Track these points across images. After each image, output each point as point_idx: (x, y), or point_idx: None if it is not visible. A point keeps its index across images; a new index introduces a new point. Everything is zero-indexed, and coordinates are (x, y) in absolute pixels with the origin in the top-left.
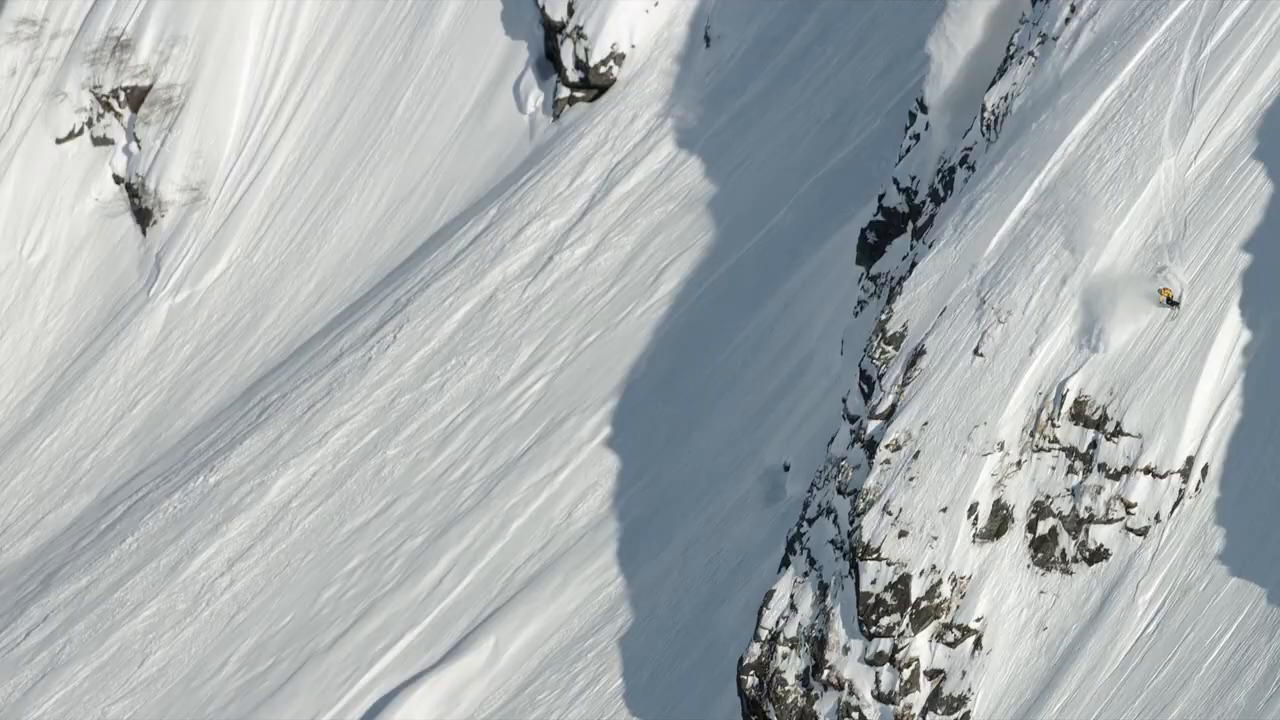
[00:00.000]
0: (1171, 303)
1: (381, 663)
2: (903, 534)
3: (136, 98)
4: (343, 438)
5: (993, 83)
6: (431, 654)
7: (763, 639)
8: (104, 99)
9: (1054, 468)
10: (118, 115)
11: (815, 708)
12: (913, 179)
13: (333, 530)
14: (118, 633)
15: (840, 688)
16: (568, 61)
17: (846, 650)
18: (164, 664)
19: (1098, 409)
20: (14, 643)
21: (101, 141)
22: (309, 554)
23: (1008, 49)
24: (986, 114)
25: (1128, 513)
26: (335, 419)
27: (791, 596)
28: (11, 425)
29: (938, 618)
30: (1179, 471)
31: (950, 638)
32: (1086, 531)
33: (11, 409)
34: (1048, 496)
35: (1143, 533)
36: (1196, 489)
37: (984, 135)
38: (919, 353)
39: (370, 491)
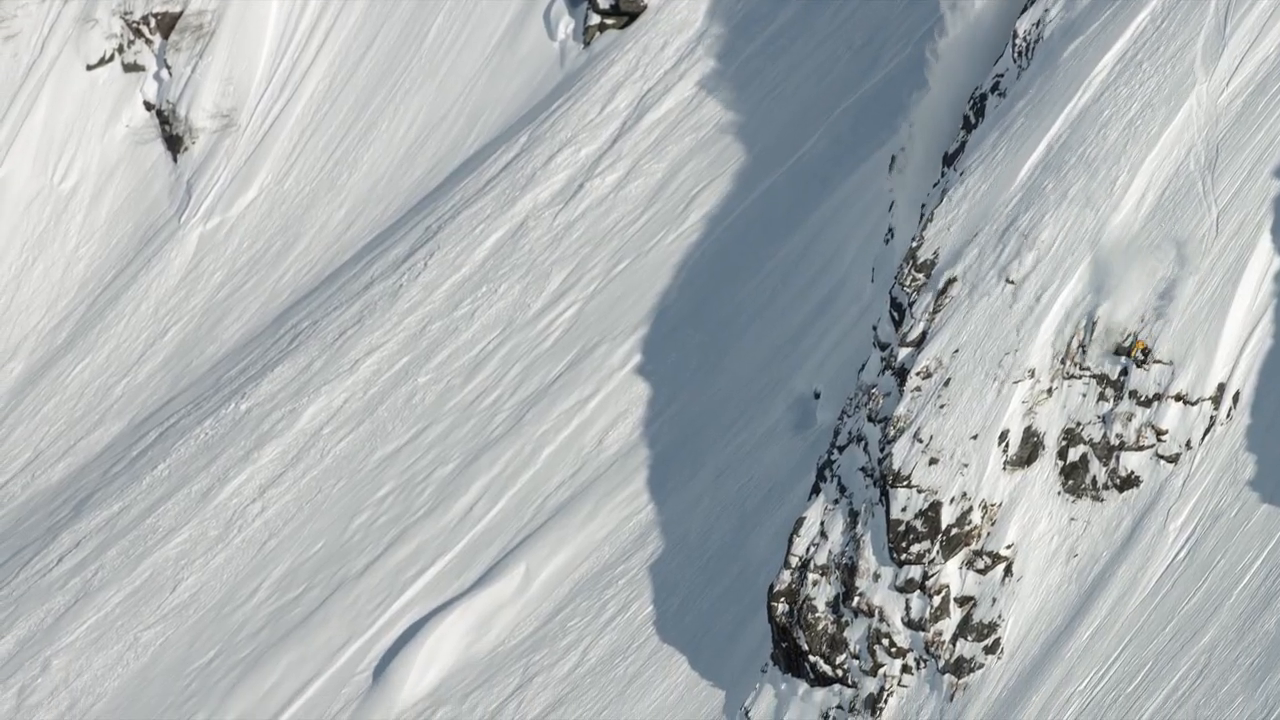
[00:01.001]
0: (1144, 354)
1: (412, 589)
2: (933, 461)
3: (167, 24)
4: (374, 365)
5: (1024, 9)
6: (462, 581)
7: (793, 566)
8: (135, 25)
9: (1085, 395)
10: (148, 42)
11: (845, 635)
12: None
13: (364, 457)
14: (149, 559)
15: (870, 615)
16: None
17: (877, 577)
18: (195, 590)
19: (1129, 335)
20: (46, 569)
21: (132, 68)
22: (340, 481)
23: None
24: (1018, 41)
25: (1159, 440)
26: (366, 346)
27: (822, 524)
28: (43, 352)
29: (968, 545)
30: (1210, 398)
31: (981, 565)
32: (1117, 458)
33: (43, 336)
34: (1078, 424)
35: (1174, 460)
36: (1228, 416)
37: (1015, 62)
38: (950, 280)
39: (401, 419)
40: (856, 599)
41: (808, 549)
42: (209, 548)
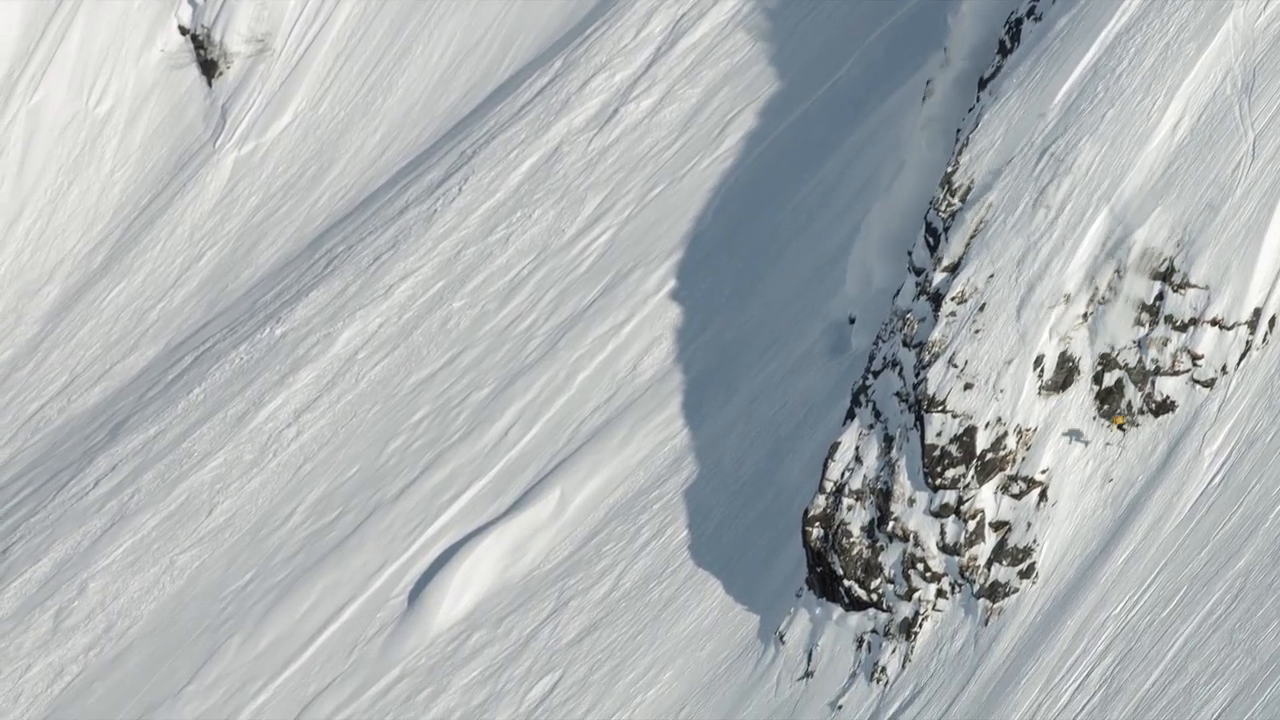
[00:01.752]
0: (1121, 429)
1: (448, 514)
2: (968, 386)
3: None
4: (408, 290)
5: None
6: (497, 505)
7: (828, 491)
8: None
9: (1120, 319)
10: None
11: (880, 559)
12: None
13: (399, 382)
14: (185, 483)
15: (905, 539)
16: None
17: (911, 502)
18: (231, 514)
19: (1164, 260)
20: (82, 492)
21: None
22: (375, 405)
23: None
24: None
25: (1194, 364)
26: (401, 271)
27: (856, 449)
28: (79, 276)
29: (1003, 470)
30: (1246, 323)
31: (1015, 490)
32: (1153, 383)
33: (79, 260)
34: (1114, 348)
35: (1209, 384)
36: (1264, 340)
37: None
38: (985, 205)
39: (436, 343)
40: (891, 524)
41: (842, 474)
42: (244, 472)
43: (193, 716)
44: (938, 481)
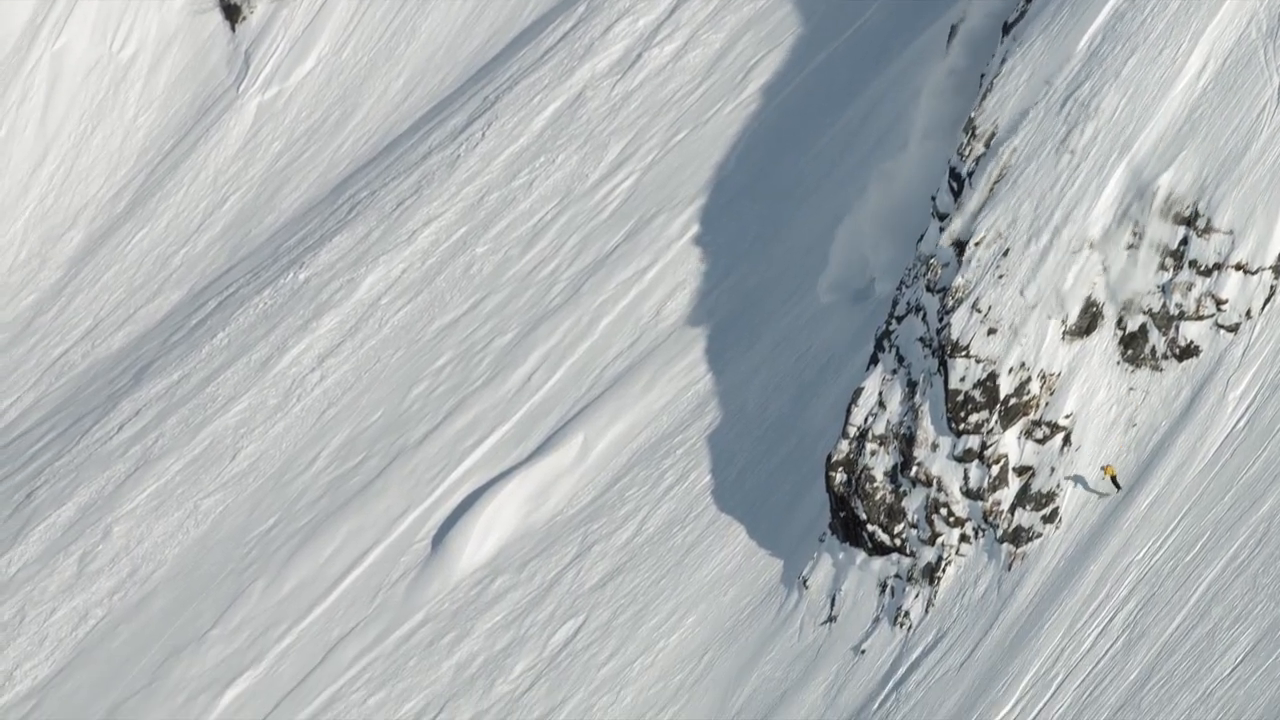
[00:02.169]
0: (1115, 482)
1: (471, 458)
2: (992, 331)
3: None
4: (432, 235)
5: None
6: (521, 450)
7: (851, 436)
8: None
9: (1144, 265)
10: None
11: (903, 504)
12: None
13: (422, 327)
14: (209, 427)
15: (929, 484)
16: None
17: (935, 447)
18: (255, 458)
19: (1188, 205)
20: (107, 436)
21: None
22: (399, 350)
23: None
24: None
25: (1218, 309)
26: (424, 216)
27: (880, 394)
28: (103, 220)
29: (1027, 415)
30: (1270, 268)
31: (1039, 434)
32: (1177, 328)
33: (103, 204)
34: (1137, 294)
35: (1233, 329)
36: None
37: None
38: (1009, 150)
39: (459, 288)
40: (914, 469)
41: (866, 419)
42: (268, 416)
43: (217, 660)
44: (961, 426)
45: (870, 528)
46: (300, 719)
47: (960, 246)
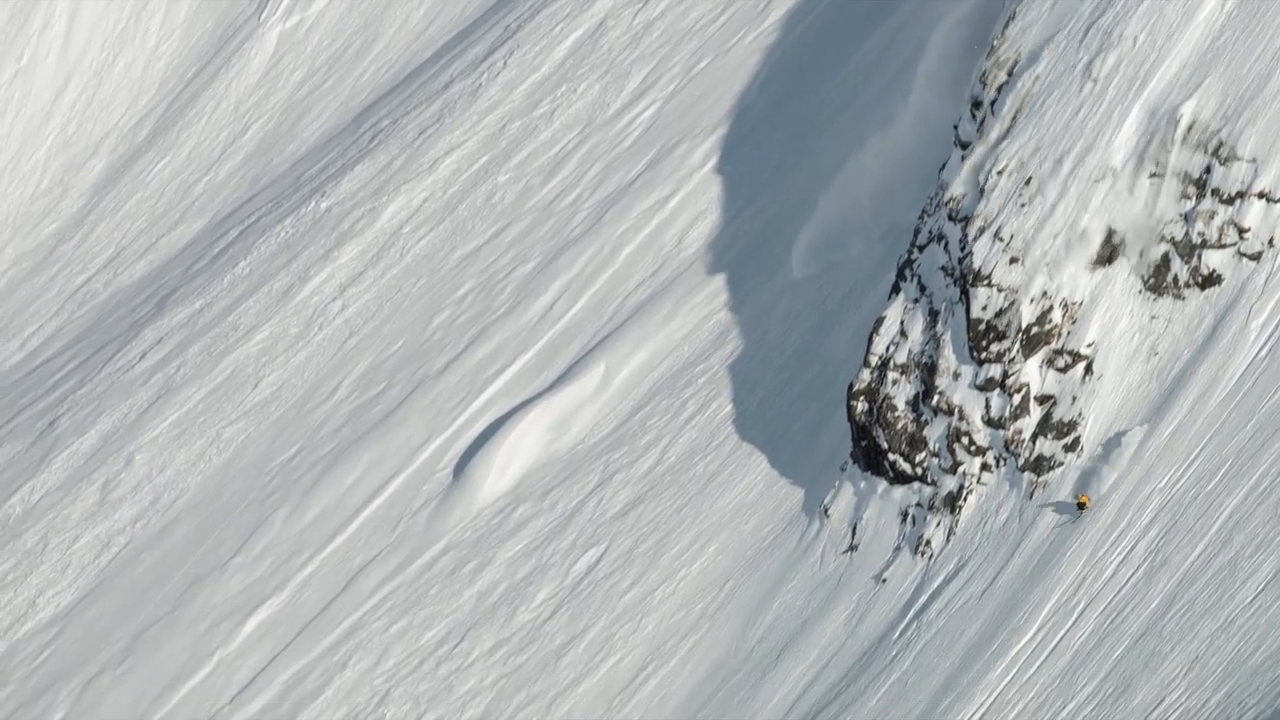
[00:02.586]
0: (1080, 506)
1: (493, 388)
2: (1014, 260)
3: None
4: (453, 164)
5: None
6: (542, 379)
7: (873, 365)
8: None
9: (1167, 193)
10: None
11: (925, 433)
12: None
13: (444, 256)
14: (231, 356)
15: (950, 413)
16: None
17: (957, 376)
18: (277, 387)
19: (1211, 134)
20: (129, 365)
21: None
22: (420, 279)
23: None
24: None
25: (1241, 237)
26: (446, 145)
27: (902, 323)
28: (125, 149)
29: (1048, 343)
30: None
31: (1061, 363)
32: (1199, 256)
33: (124, 133)
34: (1160, 222)
35: (1256, 257)
36: None
37: None
38: (1031, 78)
39: (481, 218)
40: (936, 397)
41: (887, 348)
42: (290, 345)
43: (239, 588)
44: (983, 355)
45: (892, 456)
46: (322, 647)
47: (982, 175)
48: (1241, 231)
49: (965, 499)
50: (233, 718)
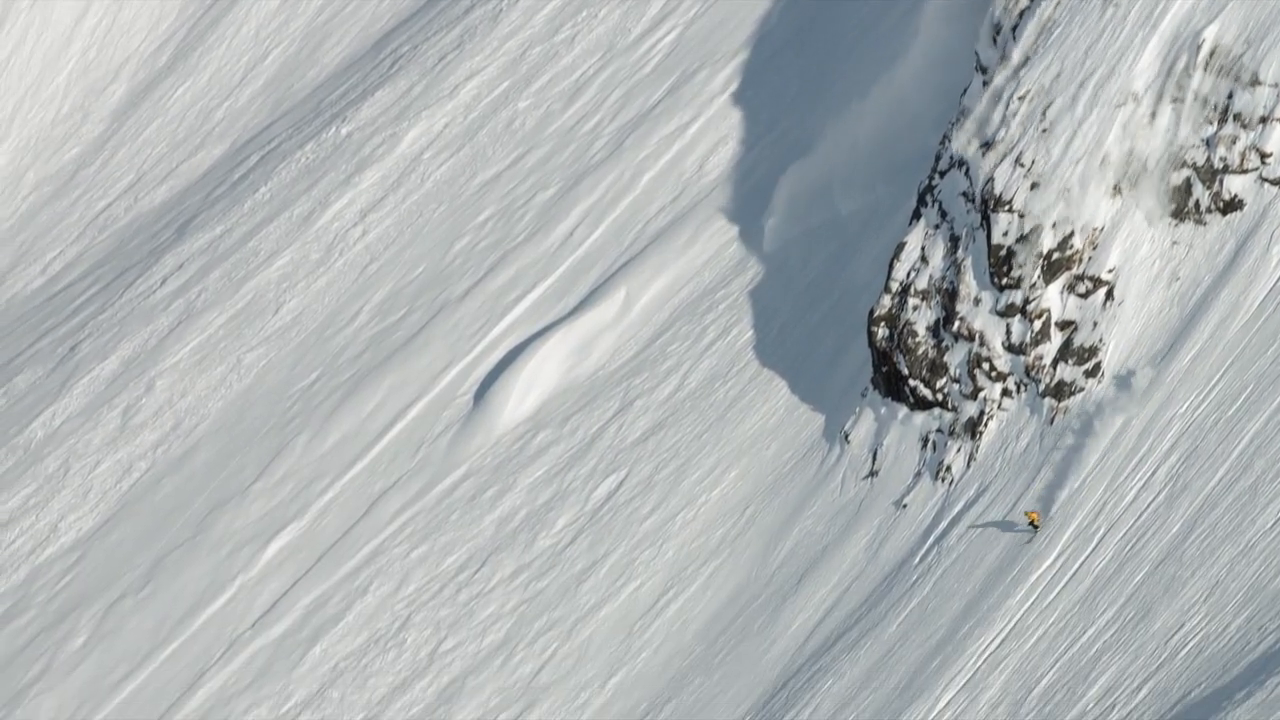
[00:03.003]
0: (1033, 525)
1: (513, 314)
2: (1035, 186)
3: None
4: (474, 89)
5: None
6: (563, 305)
7: (893, 291)
8: None
9: (1189, 118)
10: None
11: (945, 359)
12: None
13: (464, 182)
14: (252, 281)
15: (971, 339)
16: None
17: (977, 302)
18: (298, 313)
19: (1234, 59)
20: (150, 290)
21: None
22: (441, 205)
23: None
24: None
25: (1263, 162)
26: (466, 71)
27: (922, 249)
28: (145, 75)
29: (1069, 269)
30: None
31: (1082, 289)
32: (1221, 182)
33: (144, 58)
34: (1182, 147)
35: (1278, 183)
36: None
37: None
38: (1053, 4)
39: (501, 143)
40: (957, 323)
41: (908, 274)
42: (310, 271)
43: (260, 513)
44: (1004, 281)
45: (912, 382)
46: (343, 572)
47: (1003, 100)
48: (1263, 156)
49: (986, 425)
50: (254, 642)
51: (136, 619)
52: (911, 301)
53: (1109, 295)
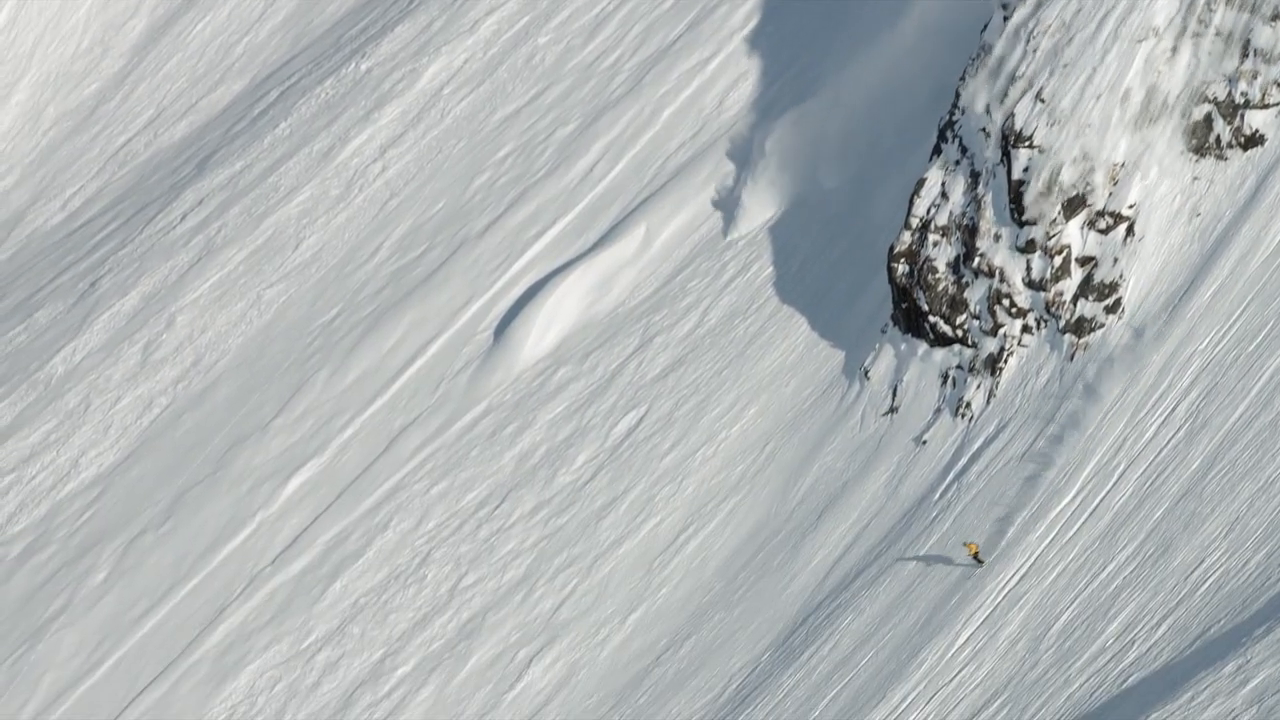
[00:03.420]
0: (977, 559)
1: (533, 249)
2: (1055, 121)
3: None
4: (494, 25)
5: None
6: (583, 241)
7: (913, 227)
8: None
9: (1209, 53)
10: None
11: (965, 295)
12: None
13: (484, 117)
14: (272, 217)
15: (991, 275)
16: None
17: (997, 238)
18: (318, 249)
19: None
20: (170, 226)
21: None
22: (461, 141)
23: None
24: None
25: None
26: (486, 6)
27: (943, 184)
28: (165, 9)
29: (1090, 205)
30: None
31: (1102, 225)
32: (1242, 117)
33: None
34: (1203, 82)
35: None
36: None
37: None
38: None
39: (521, 79)
40: (977, 259)
41: (928, 210)
42: (330, 207)
43: (280, 449)
44: (1024, 217)
45: (932, 319)
46: (363, 508)
47: (1024, 35)
48: None
49: (1006, 361)
50: (274, 578)
51: (157, 554)
52: (932, 237)
53: (1129, 231)
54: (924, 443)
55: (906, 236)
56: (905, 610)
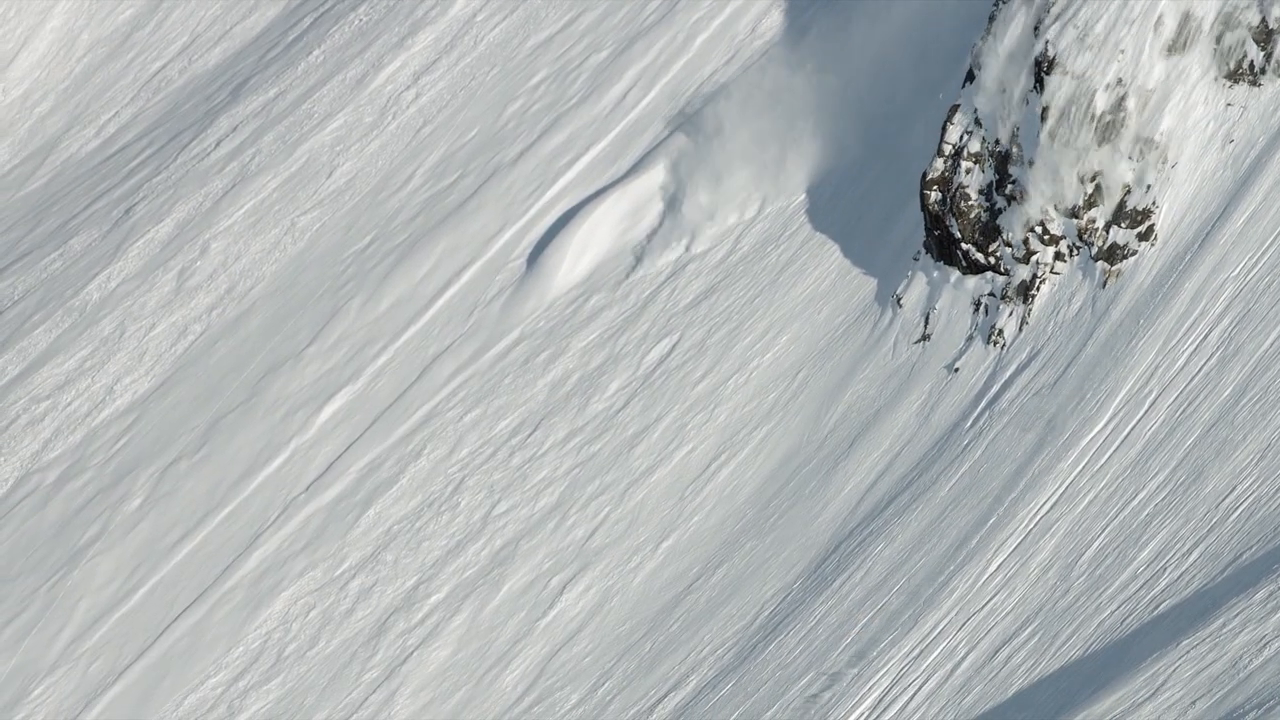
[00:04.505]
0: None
1: (566, 177)
2: (1088, 48)
3: None
4: None
5: None
6: (616, 168)
7: (946, 154)
8: None
9: None
10: None
11: (998, 222)
12: None
13: (518, 44)
14: (305, 144)
15: (1023, 202)
16: None
17: (1030, 164)
18: (351, 176)
19: None
20: (204, 153)
21: None
22: (494, 68)
23: None
24: None
25: None
26: None
27: (975, 111)
28: None
29: (1122, 132)
30: None
31: (1135, 152)
32: (1276, 43)
33: None
34: (1237, 7)
35: None
36: None
37: None
38: None
39: (555, 5)
40: (1010, 187)
41: (961, 137)
42: (364, 134)
43: (314, 377)
44: (1056, 143)
45: (965, 246)
46: (397, 435)
47: None
48: None
49: (1038, 288)
50: (308, 505)
51: (191, 481)
52: (964, 165)
53: (1162, 158)
54: (956, 370)
55: (939, 163)
56: (937, 538)
